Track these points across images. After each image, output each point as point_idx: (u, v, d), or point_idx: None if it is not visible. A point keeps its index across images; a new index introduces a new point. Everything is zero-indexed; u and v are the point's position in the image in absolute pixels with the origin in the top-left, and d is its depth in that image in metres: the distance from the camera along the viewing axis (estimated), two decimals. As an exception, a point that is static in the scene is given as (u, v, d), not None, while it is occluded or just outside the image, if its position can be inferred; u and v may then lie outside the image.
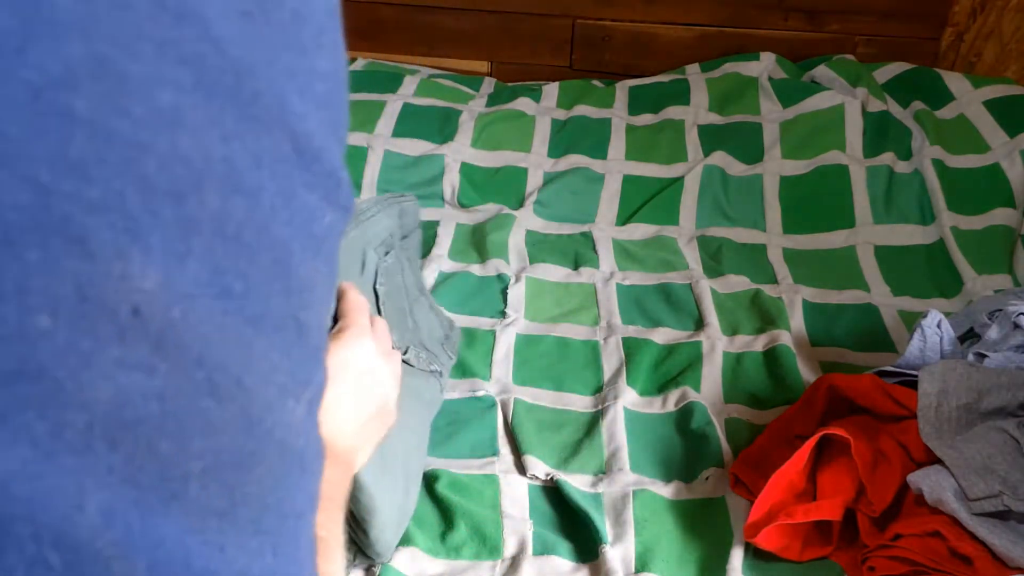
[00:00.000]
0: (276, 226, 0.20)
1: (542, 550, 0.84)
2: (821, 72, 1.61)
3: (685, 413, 1.00)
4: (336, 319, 0.63)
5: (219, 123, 0.18)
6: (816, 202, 1.39)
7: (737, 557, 0.82)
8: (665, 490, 0.92)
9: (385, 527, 0.78)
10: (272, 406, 0.20)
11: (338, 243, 0.23)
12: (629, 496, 0.89)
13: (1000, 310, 1.00)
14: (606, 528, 0.86)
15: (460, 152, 1.48)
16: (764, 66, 1.63)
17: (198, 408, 0.18)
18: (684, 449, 0.97)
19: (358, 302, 0.64)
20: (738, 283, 1.23)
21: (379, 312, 0.88)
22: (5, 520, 0.16)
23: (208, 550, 0.19)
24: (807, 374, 1.05)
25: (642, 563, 0.83)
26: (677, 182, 1.42)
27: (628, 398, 1.02)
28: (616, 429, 0.98)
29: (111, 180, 0.16)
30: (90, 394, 0.17)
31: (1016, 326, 0.96)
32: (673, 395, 1.03)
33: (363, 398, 0.59)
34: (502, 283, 1.23)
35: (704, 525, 0.88)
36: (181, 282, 0.18)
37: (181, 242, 0.18)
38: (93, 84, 0.16)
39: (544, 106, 1.60)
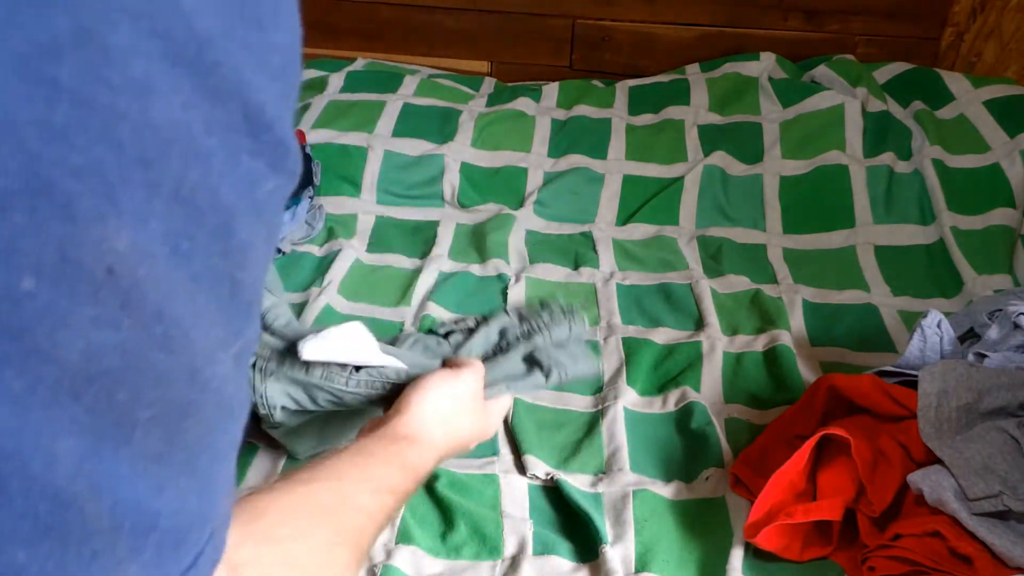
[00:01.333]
0: (223, 190, 0.21)
1: (542, 550, 0.84)
2: (821, 72, 1.61)
3: (685, 413, 1.00)
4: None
5: (180, 91, 0.19)
6: (816, 202, 1.39)
7: (737, 557, 0.82)
8: (665, 490, 0.92)
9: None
10: (210, 358, 0.22)
11: (281, 206, 0.24)
12: (629, 496, 0.89)
13: (1000, 310, 1.00)
14: (606, 528, 0.86)
15: (460, 152, 1.48)
16: (764, 66, 1.63)
17: (152, 360, 0.20)
18: (684, 449, 0.97)
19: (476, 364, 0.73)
20: (738, 283, 1.23)
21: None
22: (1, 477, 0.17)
23: (151, 492, 0.20)
24: (807, 374, 1.05)
25: (642, 563, 0.83)
26: (677, 182, 1.42)
27: (628, 398, 1.02)
28: (616, 429, 0.98)
29: (92, 146, 0.17)
30: (63, 351, 0.18)
31: (1016, 326, 0.96)
32: (673, 395, 1.03)
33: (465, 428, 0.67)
34: (502, 283, 1.23)
35: (704, 525, 0.88)
36: (145, 242, 0.19)
37: (146, 204, 0.19)
38: (76, 54, 0.17)
39: (544, 106, 1.60)
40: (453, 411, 0.66)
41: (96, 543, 0.19)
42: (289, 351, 0.75)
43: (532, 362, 0.80)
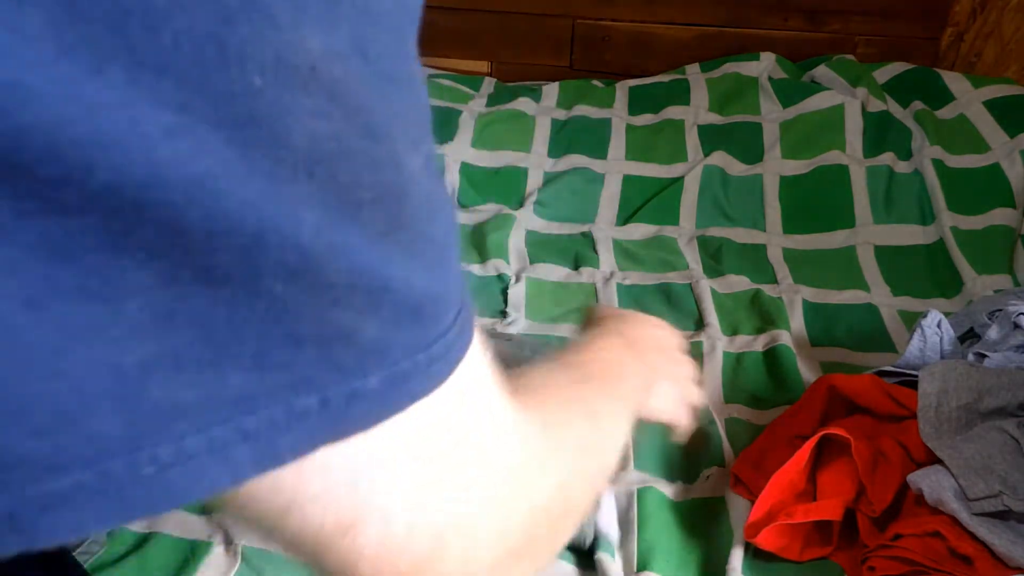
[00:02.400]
0: (390, 3, 0.25)
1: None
2: (821, 72, 1.62)
3: (685, 413, 1.00)
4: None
5: None
6: (816, 202, 1.39)
7: (737, 557, 0.82)
8: (668, 489, 0.92)
9: None
10: (408, 152, 0.26)
11: None
12: (633, 495, 0.89)
13: (1000, 310, 1.00)
14: (608, 528, 0.85)
15: (460, 152, 1.48)
16: (764, 66, 1.63)
17: (363, 147, 0.24)
18: (686, 448, 0.97)
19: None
20: (738, 283, 1.23)
21: None
22: (258, 235, 0.22)
23: (381, 262, 0.25)
24: (807, 374, 1.05)
25: (643, 563, 0.83)
26: (677, 182, 1.42)
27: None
28: (616, 429, 0.98)
29: None
30: (293, 137, 0.22)
31: (1016, 326, 0.96)
32: (673, 395, 1.03)
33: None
34: (502, 283, 1.23)
35: (705, 525, 0.88)
36: (336, 44, 0.22)
37: (333, 12, 0.22)
38: None
39: (544, 106, 1.60)
40: None
41: (336, 293, 0.24)
42: None
43: None
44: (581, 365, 0.48)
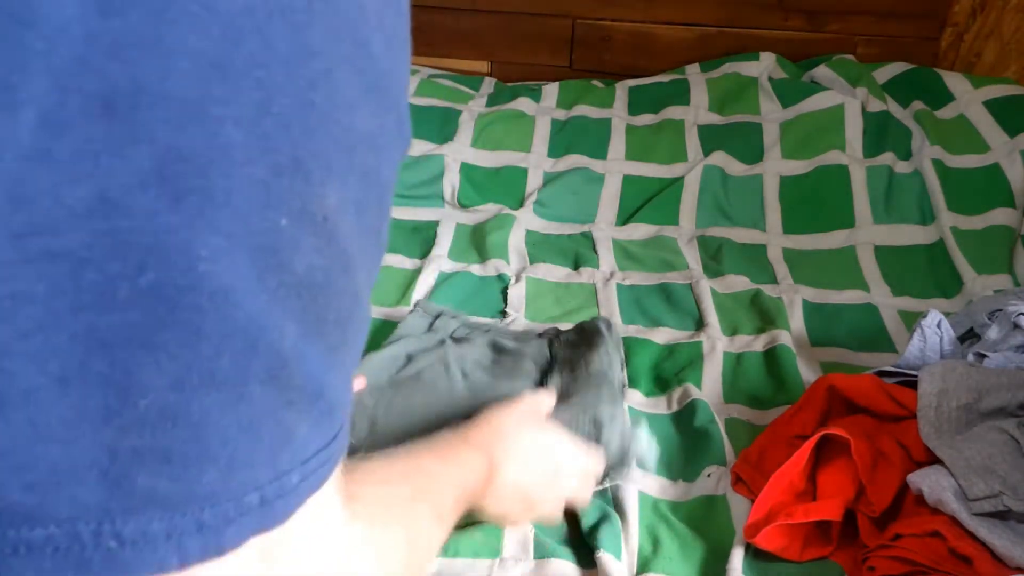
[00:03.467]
0: (384, 171, 0.31)
1: (542, 553, 0.84)
2: (821, 72, 1.62)
3: (688, 410, 1.00)
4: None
5: (368, 106, 0.28)
6: (816, 202, 1.39)
7: (737, 557, 0.82)
8: (669, 489, 0.92)
9: None
10: (365, 288, 0.31)
11: None
12: (635, 495, 0.89)
13: (1000, 310, 1.00)
14: (612, 529, 0.85)
15: (460, 152, 1.48)
16: (764, 66, 1.63)
17: (338, 281, 0.29)
18: (687, 447, 0.97)
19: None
20: (738, 283, 1.23)
21: None
22: (255, 341, 0.26)
23: (325, 371, 0.29)
24: (807, 374, 1.05)
25: (643, 562, 0.83)
26: (677, 182, 1.42)
27: (633, 399, 1.02)
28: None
29: (322, 139, 0.26)
30: (296, 267, 0.26)
31: (1016, 326, 0.96)
32: (676, 393, 1.03)
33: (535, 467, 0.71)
34: (502, 283, 1.23)
35: (705, 524, 0.87)
36: (343, 202, 0.28)
37: (347, 178, 0.28)
38: (324, 86, 0.26)
39: (544, 106, 1.60)
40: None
41: (294, 396, 0.28)
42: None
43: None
44: (413, 475, 0.56)
